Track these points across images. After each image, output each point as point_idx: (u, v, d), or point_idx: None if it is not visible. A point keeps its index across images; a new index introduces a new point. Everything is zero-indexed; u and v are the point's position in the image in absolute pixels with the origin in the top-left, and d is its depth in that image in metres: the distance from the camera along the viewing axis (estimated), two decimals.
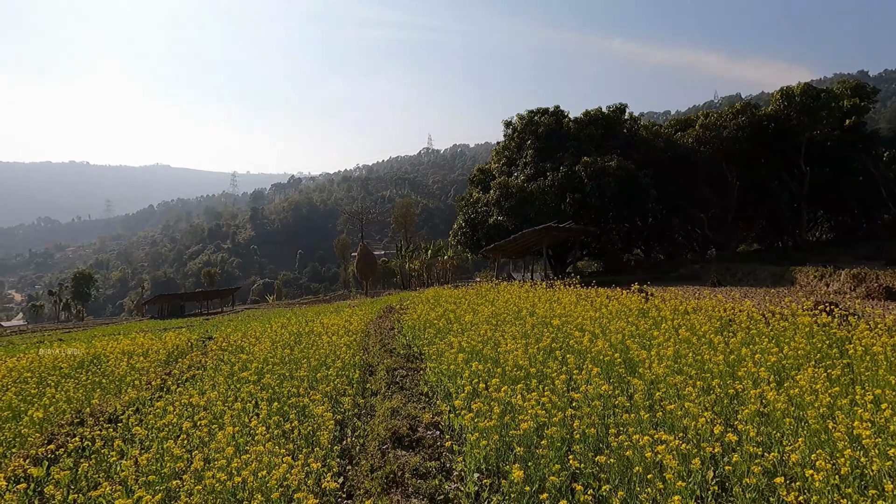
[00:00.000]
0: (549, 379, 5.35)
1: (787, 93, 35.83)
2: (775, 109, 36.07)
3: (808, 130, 35.62)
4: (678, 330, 6.71)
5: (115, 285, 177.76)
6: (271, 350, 9.24)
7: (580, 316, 8.46)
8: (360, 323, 12.71)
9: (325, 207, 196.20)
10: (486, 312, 9.63)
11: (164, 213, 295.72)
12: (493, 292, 14.63)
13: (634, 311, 8.93)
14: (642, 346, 6.30)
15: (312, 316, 16.47)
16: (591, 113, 30.92)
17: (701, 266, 24.73)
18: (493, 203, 29.00)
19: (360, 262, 55.05)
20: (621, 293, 12.97)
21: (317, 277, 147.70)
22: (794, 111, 35.19)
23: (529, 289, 14.56)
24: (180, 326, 30.62)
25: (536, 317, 9.09)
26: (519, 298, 12.03)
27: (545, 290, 13.57)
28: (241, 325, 24.93)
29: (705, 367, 4.97)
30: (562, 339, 6.76)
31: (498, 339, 7.17)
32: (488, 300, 12.75)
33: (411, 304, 14.60)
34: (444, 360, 6.44)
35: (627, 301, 10.04)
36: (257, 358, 8.83)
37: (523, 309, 9.94)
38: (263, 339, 11.11)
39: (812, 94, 35.39)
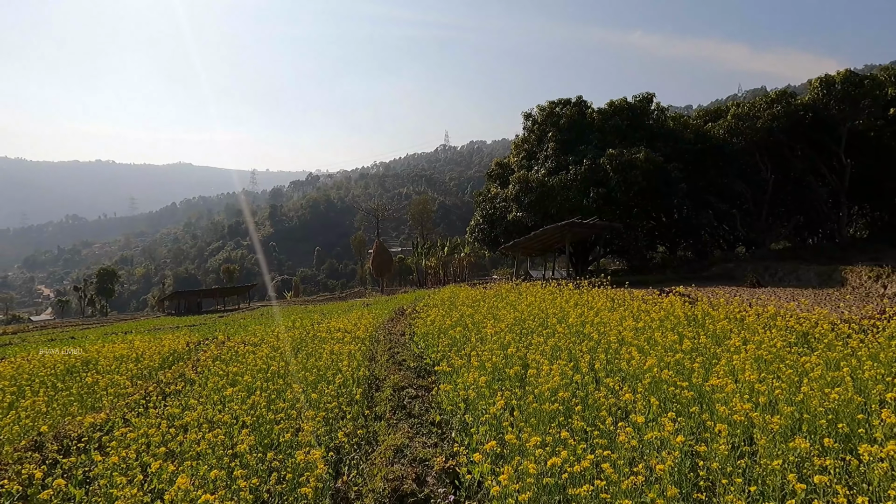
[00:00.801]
0: (593, 410, 4.20)
1: (826, 80, 33.67)
2: (813, 98, 33.95)
3: (850, 120, 33.45)
4: (744, 344, 5.49)
5: (139, 281, 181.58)
6: (267, 360, 8.25)
7: (618, 324, 7.27)
8: (370, 327, 11.69)
9: (343, 205, 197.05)
10: (509, 319, 8.48)
11: (186, 211, 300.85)
12: (514, 294, 13.46)
13: (682, 318, 7.68)
14: (704, 365, 5.11)
15: (318, 317, 15.49)
16: (616, 103, 29.37)
17: (735, 265, 23.14)
18: (511, 198, 27.74)
19: (375, 259, 54.26)
20: (659, 296, 11.68)
21: (334, 274, 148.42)
22: (835, 100, 33.05)
23: (554, 290, 13.34)
24: (192, 325, 30.11)
25: (567, 325, 7.90)
26: (544, 302, 10.85)
27: (572, 292, 12.36)
28: (251, 324, 24.21)
29: (807, 403, 3.75)
30: (604, 356, 5.58)
31: (525, 354, 6.02)
32: (509, 303, 11.59)
33: (425, 305, 13.52)
34: (461, 381, 5.32)
35: (669, 306, 8.79)
36: (251, 369, 7.85)
37: (551, 315, 8.76)
38: (263, 345, 10.16)
39: (854, 81, 33.20)
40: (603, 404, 4.09)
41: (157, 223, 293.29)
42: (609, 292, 12.32)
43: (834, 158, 33.91)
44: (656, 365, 4.85)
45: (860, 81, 33.22)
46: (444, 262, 69.75)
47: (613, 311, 9.01)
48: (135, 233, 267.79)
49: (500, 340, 6.79)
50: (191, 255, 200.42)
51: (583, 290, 13.31)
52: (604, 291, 12.56)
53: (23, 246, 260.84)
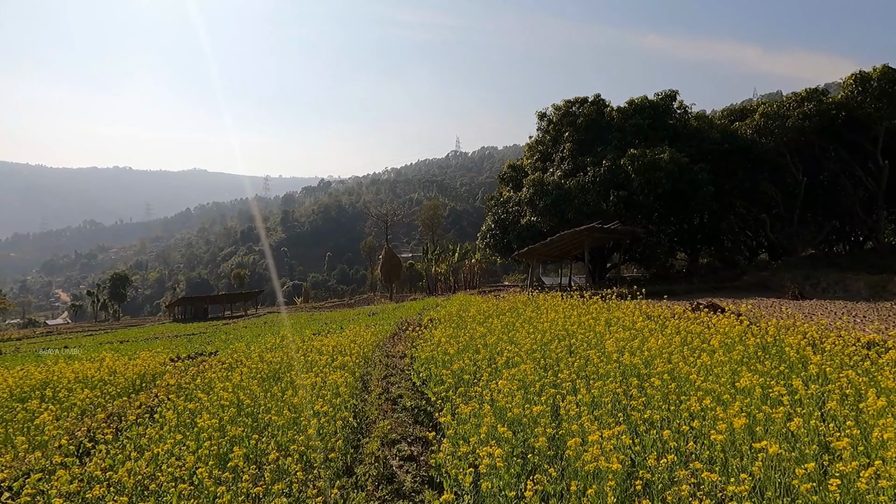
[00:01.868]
0: None
1: (862, 77, 31.63)
2: (847, 96, 31.93)
3: (887, 120, 31.39)
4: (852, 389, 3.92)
5: (153, 285, 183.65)
6: (236, 391, 6.81)
7: (668, 350, 5.72)
8: (368, 345, 10.21)
9: (354, 210, 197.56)
10: (527, 344, 6.94)
11: (200, 216, 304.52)
12: (530, 307, 11.90)
13: (750, 345, 6.08)
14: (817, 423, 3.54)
15: (318, 327, 13.92)
16: (637, 102, 27.68)
17: (771, 273, 21.29)
18: (525, 202, 26.15)
19: (384, 265, 52.91)
20: (695, 311, 10.06)
21: (345, 279, 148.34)
22: (871, 97, 31.00)
23: (576, 303, 11.76)
24: (191, 334, 28.94)
25: (602, 351, 6.35)
26: (567, 319, 9.29)
27: (599, 306, 10.78)
28: (249, 334, 22.94)
29: None
30: (671, 413, 4.01)
31: (555, 398, 4.48)
32: (526, 319, 10.06)
33: (431, 321, 12.02)
34: (470, 435, 3.81)
35: (727, 328, 7.18)
36: (215, 404, 6.42)
37: (579, 337, 7.20)
38: (240, 367, 8.73)
39: (892, 77, 31.13)
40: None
41: (172, 228, 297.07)
42: (642, 306, 10.71)
43: (870, 160, 31.87)
44: (764, 433, 3.28)
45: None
46: (455, 269, 68.30)
47: (654, 332, 7.42)
48: (150, 238, 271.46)
49: (522, 377, 5.28)
50: (204, 260, 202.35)
51: (609, 302, 11.71)
52: (635, 305, 10.94)
53: (42, 251, 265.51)
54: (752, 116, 30.91)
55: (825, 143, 31.64)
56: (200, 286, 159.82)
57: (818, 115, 30.71)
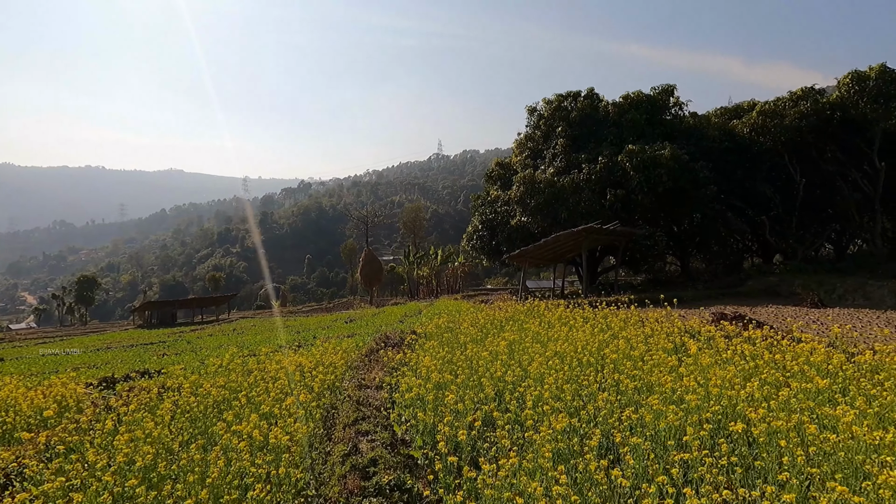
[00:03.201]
0: None
1: (859, 76, 30.65)
2: (842, 96, 30.93)
3: (884, 121, 30.43)
4: None
5: (125, 288, 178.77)
6: (147, 441, 4.76)
7: (740, 388, 3.89)
8: (337, 367, 8.19)
9: (335, 212, 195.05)
10: (549, 378, 5.02)
11: (176, 218, 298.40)
12: (534, 319, 10.02)
13: (812, 374, 4.26)
14: None
15: (284, 338, 11.73)
16: (632, 96, 26.15)
17: (779, 279, 19.83)
18: (515, 201, 24.36)
19: (364, 268, 50.68)
20: (752, 331, 8.28)
21: (325, 282, 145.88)
22: (868, 97, 30.05)
23: (590, 315, 9.91)
24: (149, 343, 26.33)
25: (666, 399, 4.47)
26: (588, 335, 7.41)
27: (616, 319, 8.94)
28: (212, 344, 20.58)
29: None
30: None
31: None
32: (534, 335, 8.19)
33: (415, 335, 10.04)
34: None
35: (802, 354, 5.37)
36: (112, 463, 4.37)
37: (614, 366, 5.32)
38: (167, 402, 6.62)
39: (889, 77, 30.20)
40: None
41: (147, 230, 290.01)
42: (661, 319, 8.90)
43: (865, 161, 30.96)
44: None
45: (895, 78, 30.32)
46: (437, 272, 66.39)
47: (705, 356, 5.58)
48: (124, 239, 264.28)
49: (550, 437, 3.36)
50: (179, 263, 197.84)
51: (625, 313, 9.89)
52: (656, 318, 9.13)
53: (8, 252, 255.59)
54: (749, 115, 29.72)
55: (822, 144, 30.62)
56: (175, 289, 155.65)
57: (815, 115, 29.69)
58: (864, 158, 30.50)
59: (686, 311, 14.72)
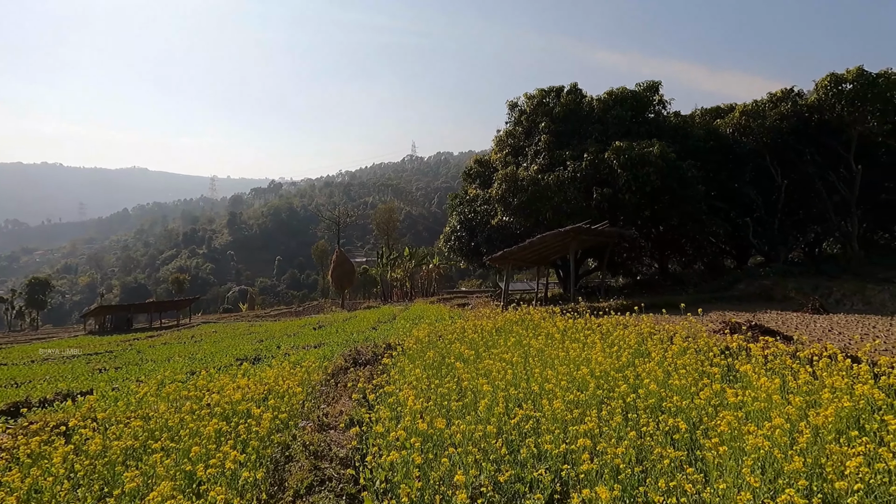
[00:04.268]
0: None
1: (836, 78, 30.47)
2: (819, 98, 30.73)
3: (860, 124, 30.35)
4: None
5: (83, 291, 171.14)
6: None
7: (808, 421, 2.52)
8: (295, 396, 6.57)
9: (306, 213, 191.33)
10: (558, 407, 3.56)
11: (139, 217, 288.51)
12: (528, 332, 8.58)
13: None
14: None
15: (244, 350, 9.91)
16: (616, 92, 25.17)
17: (773, 282, 19.02)
18: (496, 200, 23.02)
19: (336, 270, 48.61)
20: (732, 334, 7.01)
21: (295, 285, 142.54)
22: (846, 100, 29.90)
23: (591, 324, 8.53)
24: (95, 353, 23.75)
25: (738, 453, 3.06)
26: (594, 354, 6.01)
27: (622, 333, 7.57)
28: (159, 355, 18.40)
29: None
30: None
31: None
32: (536, 352, 6.76)
33: (392, 351, 8.45)
34: None
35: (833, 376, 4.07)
36: None
37: (649, 403, 3.90)
38: (56, 456, 4.90)
39: (866, 80, 30.09)
40: None
41: (108, 230, 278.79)
42: (700, 333, 7.58)
43: (842, 165, 30.90)
44: None
45: (873, 80, 30.27)
46: (411, 274, 64.71)
47: (762, 378, 4.23)
48: (82, 239, 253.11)
49: None
50: (141, 264, 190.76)
51: (638, 324, 8.56)
52: (683, 328, 7.81)
53: None
54: (732, 115, 29.26)
55: (801, 146, 30.44)
56: (137, 291, 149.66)
57: (795, 116, 29.47)
58: (842, 161, 30.42)
59: (684, 317, 13.55)
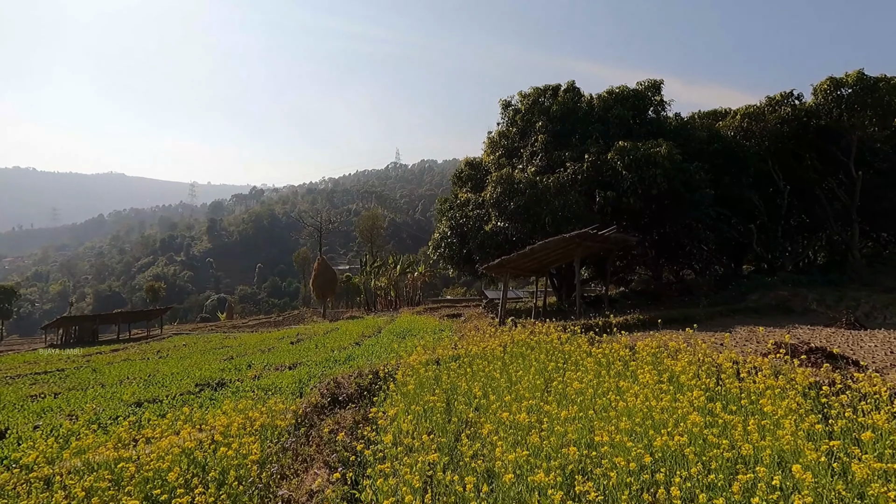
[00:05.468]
0: None
1: (835, 82, 29.53)
2: (818, 103, 29.78)
3: (860, 129, 29.47)
4: None
5: (55, 299, 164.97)
6: None
7: None
8: (250, 457, 4.70)
9: (289, 220, 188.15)
10: None
11: (115, 224, 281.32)
12: (551, 361, 6.81)
13: None
14: None
15: (207, 371, 7.89)
16: (617, 91, 23.78)
17: (790, 293, 17.61)
18: (491, 203, 21.34)
19: (318, 278, 46.36)
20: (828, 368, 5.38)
21: (276, 292, 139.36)
22: (846, 104, 28.96)
23: (623, 354, 6.81)
24: (43, 371, 21.23)
25: None
26: (663, 403, 4.29)
27: (669, 359, 5.87)
28: (109, 378, 16.13)
29: None
30: None
31: None
32: (566, 397, 5.03)
33: (377, 379, 6.60)
34: None
35: None
36: None
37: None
38: None
39: (867, 84, 29.19)
40: None
41: (82, 236, 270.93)
42: (785, 369, 5.89)
43: (842, 171, 30.02)
44: None
45: (874, 85, 29.43)
46: (396, 283, 62.65)
47: None
48: (55, 246, 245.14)
49: None
50: (116, 271, 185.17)
51: (664, 340, 6.85)
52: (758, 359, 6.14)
53: None
54: (733, 118, 28.19)
55: (801, 151, 29.52)
56: (111, 299, 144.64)
57: (795, 120, 28.55)
58: (841, 167, 29.57)
59: (713, 334, 11.96)
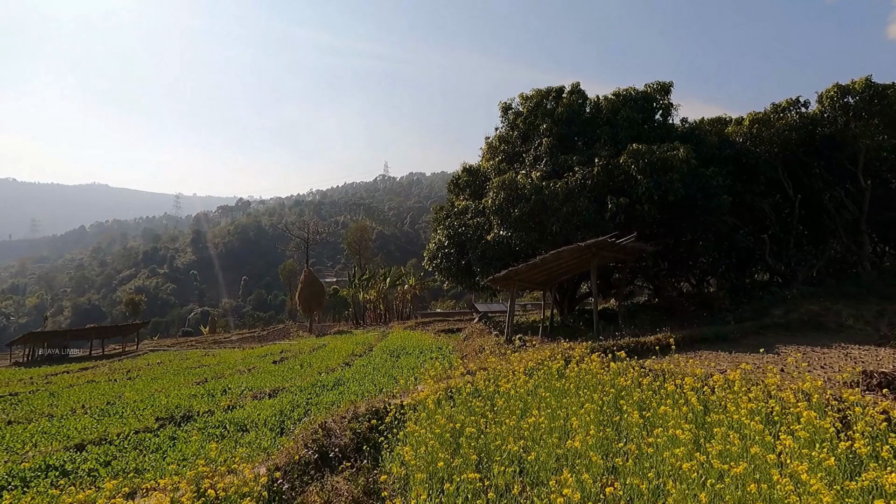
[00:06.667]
0: None
1: (842, 89, 28.56)
2: (824, 110, 28.77)
3: (869, 137, 28.50)
4: None
5: (31, 312, 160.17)
6: None
7: None
8: None
9: (275, 231, 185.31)
10: None
11: (96, 235, 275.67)
12: (598, 400, 5.12)
13: None
14: None
15: (176, 398, 6.04)
16: (623, 93, 22.50)
17: (822, 307, 16.18)
18: (493, 211, 19.75)
19: (304, 291, 44.25)
20: None
21: (262, 306, 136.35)
22: (853, 112, 27.98)
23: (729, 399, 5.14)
24: (2, 395, 19.01)
25: None
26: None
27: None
28: (76, 398, 14.03)
29: None
30: None
31: None
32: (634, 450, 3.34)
33: (377, 421, 4.86)
34: None
35: None
36: None
37: None
38: None
39: (874, 91, 28.24)
40: None
41: (62, 248, 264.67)
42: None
43: (849, 180, 29.02)
44: None
45: (882, 92, 28.52)
46: (385, 296, 60.64)
47: None
48: (33, 258, 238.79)
49: None
50: (97, 284, 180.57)
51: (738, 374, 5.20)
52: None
53: None
54: (741, 124, 27.15)
55: (809, 159, 28.53)
56: (90, 313, 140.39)
57: (802, 127, 27.58)
58: (848, 177, 28.61)
59: (759, 356, 10.37)
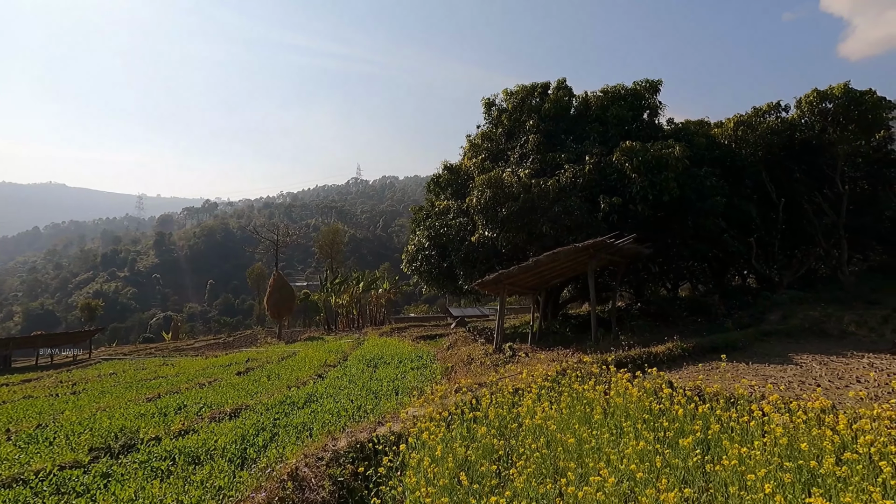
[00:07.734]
0: None
1: (821, 95, 28.51)
2: (802, 115, 28.70)
3: (846, 143, 28.52)
4: None
5: None
6: None
7: None
8: None
9: (244, 234, 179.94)
10: None
11: (52, 237, 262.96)
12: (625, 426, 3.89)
13: None
14: None
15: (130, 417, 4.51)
16: (612, 90, 21.69)
17: (822, 313, 15.53)
18: (478, 210, 18.54)
19: (273, 295, 42.07)
20: None
21: (229, 311, 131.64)
22: (832, 117, 27.96)
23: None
24: None
25: None
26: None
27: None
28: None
29: None
30: None
31: None
32: None
33: (363, 455, 3.55)
34: None
35: None
36: None
37: None
38: None
39: (853, 97, 28.29)
40: None
41: (13, 250, 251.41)
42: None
43: (827, 185, 29.04)
44: None
45: (860, 98, 28.62)
46: (358, 300, 58.69)
47: None
48: None
49: None
50: (51, 288, 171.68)
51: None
52: None
53: None
54: (726, 126, 26.83)
55: (790, 164, 28.44)
56: (42, 318, 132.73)
57: (784, 131, 27.47)
58: (826, 181, 28.64)
59: (778, 368, 9.39)
